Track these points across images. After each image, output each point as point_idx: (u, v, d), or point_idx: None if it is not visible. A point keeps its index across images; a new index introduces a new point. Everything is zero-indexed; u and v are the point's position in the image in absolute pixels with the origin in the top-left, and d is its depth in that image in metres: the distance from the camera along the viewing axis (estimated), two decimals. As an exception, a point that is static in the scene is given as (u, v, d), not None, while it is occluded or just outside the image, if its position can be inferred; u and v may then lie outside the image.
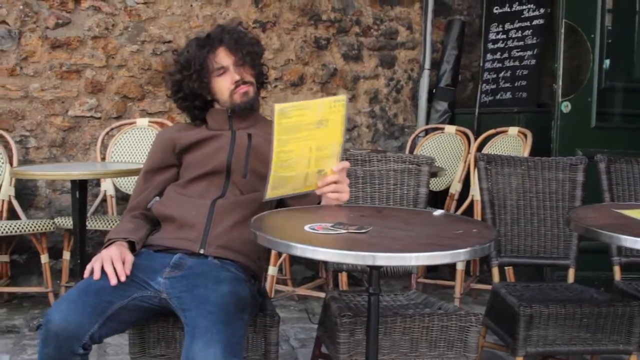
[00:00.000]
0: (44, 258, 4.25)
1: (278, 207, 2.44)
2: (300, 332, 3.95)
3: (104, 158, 4.69)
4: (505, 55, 5.20)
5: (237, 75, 2.48)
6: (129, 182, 4.62)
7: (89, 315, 2.05)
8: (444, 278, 4.85)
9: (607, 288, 3.14)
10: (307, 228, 1.92)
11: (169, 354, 2.29)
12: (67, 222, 4.19)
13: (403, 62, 5.47)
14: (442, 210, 2.26)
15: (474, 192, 4.49)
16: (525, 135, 4.44)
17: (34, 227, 4.14)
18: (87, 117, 4.84)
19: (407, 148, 5.22)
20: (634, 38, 4.59)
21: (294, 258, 4.71)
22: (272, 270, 4.10)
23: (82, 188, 3.60)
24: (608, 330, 2.71)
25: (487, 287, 4.17)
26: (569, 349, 2.73)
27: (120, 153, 4.71)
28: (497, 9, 5.31)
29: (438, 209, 2.31)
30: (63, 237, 4.36)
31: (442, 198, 4.92)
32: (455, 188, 4.81)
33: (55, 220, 4.26)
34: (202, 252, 2.32)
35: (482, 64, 5.37)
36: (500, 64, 5.24)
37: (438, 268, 5.10)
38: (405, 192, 2.90)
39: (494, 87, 5.25)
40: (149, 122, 4.78)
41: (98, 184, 4.76)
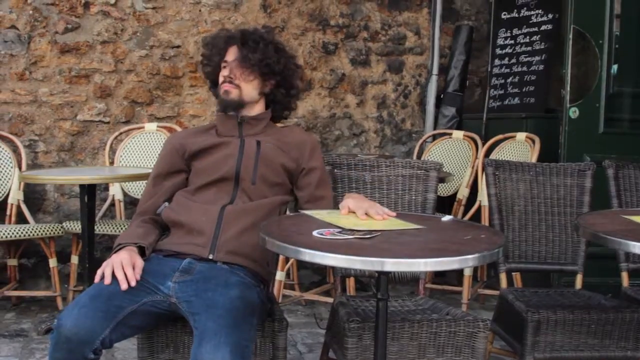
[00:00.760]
0: (53, 262, 4.26)
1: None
2: (308, 337, 3.94)
3: (113, 162, 4.70)
4: (513, 61, 5.20)
5: (226, 72, 2.54)
6: (138, 186, 4.63)
7: (100, 320, 2.07)
8: (451, 283, 4.85)
9: (614, 294, 3.13)
10: (315, 233, 1.92)
11: (177, 359, 2.30)
12: (75, 226, 4.20)
13: (411, 67, 5.47)
14: (450, 216, 2.27)
15: (482, 197, 4.48)
16: (533, 141, 4.43)
17: (43, 231, 4.15)
18: (95, 121, 4.86)
19: (414, 153, 5.22)
20: (643, 44, 4.59)
21: (302, 263, 4.72)
22: (279, 275, 4.11)
23: (90, 192, 3.62)
24: (616, 337, 2.71)
25: (494, 292, 4.17)
26: (577, 355, 2.72)
27: (129, 158, 4.72)
28: (505, 15, 5.31)
29: (447, 215, 2.31)
30: (71, 241, 4.37)
31: (449, 203, 4.92)
32: (463, 193, 4.81)
33: (64, 225, 4.27)
34: (211, 257, 2.33)
35: (490, 69, 5.37)
36: (508, 70, 5.23)
37: (445, 273, 5.09)
38: (414, 197, 2.90)
39: (502, 92, 5.24)
40: (158, 126, 4.79)
41: (106, 189, 4.77)
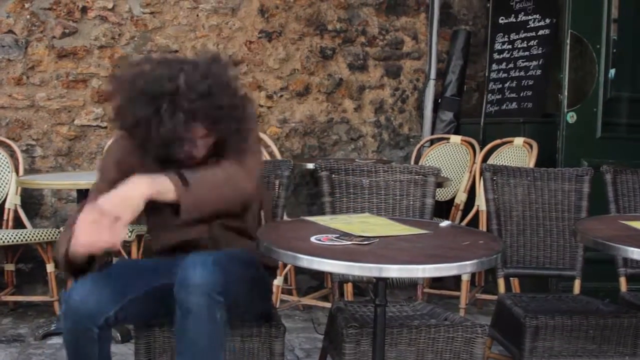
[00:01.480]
0: (50, 267, 4.25)
1: None
2: (305, 342, 3.94)
3: (110, 167, 4.69)
4: (511, 66, 5.20)
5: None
6: (135, 191, 4.61)
7: (108, 296, 2.07)
8: (449, 288, 4.83)
9: (613, 299, 3.13)
10: (313, 239, 1.92)
11: (175, 364, 2.29)
12: (72, 231, 4.18)
13: (408, 72, 5.47)
14: (449, 222, 2.27)
15: (479, 202, 4.48)
16: (531, 146, 4.42)
17: (40, 236, 4.14)
18: (93, 126, 4.86)
19: (412, 158, 5.22)
20: (640, 48, 4.60)
21: (299, 268, 4.70)
22: (277, 280, 4.10)
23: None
24: (614, 342, 2.70)
25: (492, 297, 4.17)
26: (575, 361, 2.73)
27: (126, 162, 4.71)
28: (502, 19, 5.32)
29: (445, 220, 2.31)
30: (69, 246, 4.36)
31: (447, 208, 4.91)
32: (461, 198, 4.81)
33: (61, 230, 4.25)
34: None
35: (487, 74, 5.37)
36: (506, 74, 5.24)
37: (443, 278, 5.08)
38: (412, 202, 2.90)
39: (500, 97, 5.24)
40: (155, 131, 4.77)
41: (104, 193, 4.75)
